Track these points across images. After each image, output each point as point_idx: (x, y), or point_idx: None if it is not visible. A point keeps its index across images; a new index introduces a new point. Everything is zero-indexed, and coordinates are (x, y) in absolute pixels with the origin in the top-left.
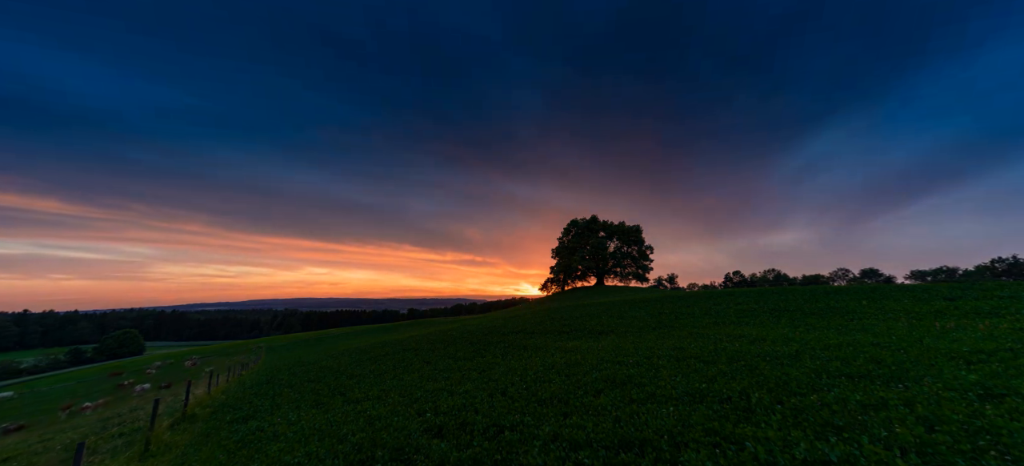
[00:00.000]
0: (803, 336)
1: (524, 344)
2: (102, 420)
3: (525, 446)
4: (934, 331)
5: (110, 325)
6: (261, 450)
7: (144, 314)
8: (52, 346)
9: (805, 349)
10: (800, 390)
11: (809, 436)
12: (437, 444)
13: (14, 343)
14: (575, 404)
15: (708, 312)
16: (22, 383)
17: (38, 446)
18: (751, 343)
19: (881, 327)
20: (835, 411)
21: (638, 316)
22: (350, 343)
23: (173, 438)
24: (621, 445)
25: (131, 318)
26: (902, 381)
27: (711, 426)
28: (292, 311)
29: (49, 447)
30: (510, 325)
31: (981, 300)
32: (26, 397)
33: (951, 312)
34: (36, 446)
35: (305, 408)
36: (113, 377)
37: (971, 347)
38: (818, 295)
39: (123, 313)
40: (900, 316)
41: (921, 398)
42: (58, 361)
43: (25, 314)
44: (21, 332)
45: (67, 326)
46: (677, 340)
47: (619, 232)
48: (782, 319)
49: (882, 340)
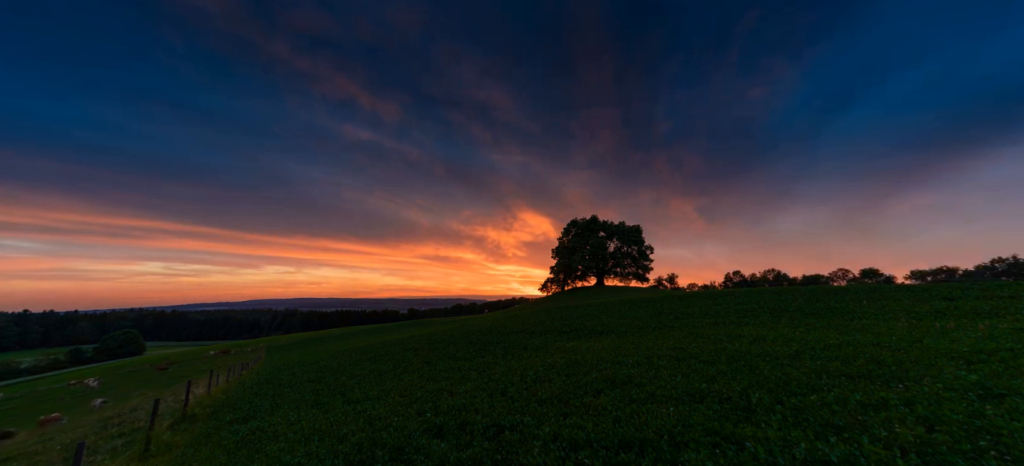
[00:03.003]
0: (803, 336)
1: (524, 344)
2: (102, 420)
3: (525, 446)
4: (934, 331)
5: (110, 325)
6: (261, 450)
7: (144, 314)
8: (52, 346)
9: (805, 349)
10: (800, 390)
11: (809, 436)
12: (437, 444)
13: (14, 343)
14: (575, 404)
15: (708, 312)
16: (17, 384)
17: (38, 446)
18: (751, 343)
19: (881, 327)
20: (835, 411)
21: (638, 316)
22: (350, 343)
23: (173, 438)
24: (621, 445)
25: (131, 318)
26: (902, 381)
27: (711, 426)
28: (292, 311)
29: (49, 447)
30: (510, 325)
31: (981, 300)
32: (15, 400)
33: (951, 312)
34: (36, 446)
35: (305, 408)
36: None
37: (971, 347)
38: (818, 295)
39: (123, 313)
40: (900, 316)
41: (921, 398)
42: (58, 361)
43: (25, 314)
44: (21, 332)
45: (67, 326)
46: (677, 340)
47: (619, 232)
48: (782, 319)
49: (882, 340)
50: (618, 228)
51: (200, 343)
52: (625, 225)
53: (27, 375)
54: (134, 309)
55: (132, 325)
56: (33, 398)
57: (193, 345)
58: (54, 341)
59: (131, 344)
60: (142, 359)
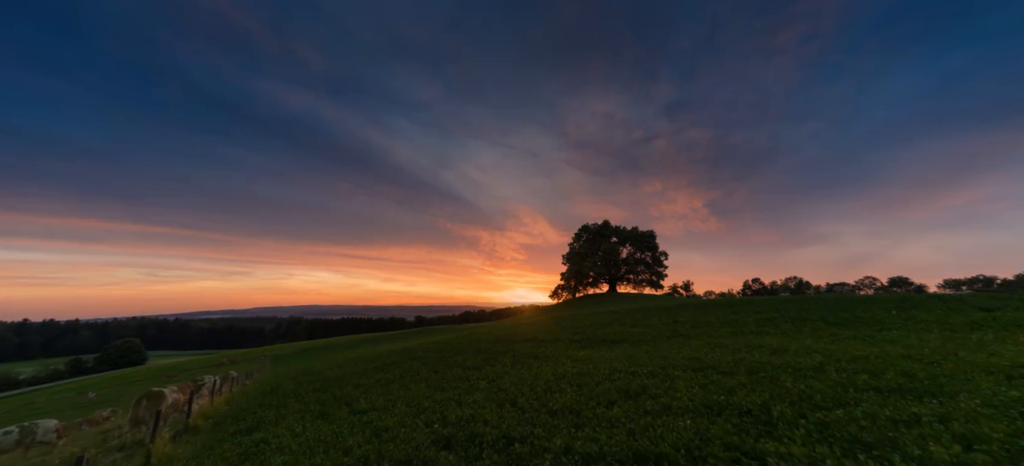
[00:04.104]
0: (827, 347)
1: (534, 353)
2: (102, 432)
3: (536, 459)
4: (970, 344)
5: (112, 334)
6: (265, 462)
7: (146, 323)
8: (53, 356)
9: (829, 360)
10: (825, 404)
11: (836, 453)
12: (445, 456)
13: (14, 353)
14: (587, 416)
15: (726, 321)
16: (16, 395)
17: (37, 460)
18: (772, 353)
19: (912, 338)
20: (864, 427)
21: (652, 324)
22: (356, 352)
23: (174, 451)
24: (636, 459)
25: (133, 327)
26: (936, 396)
27: (731, 441)
28: (297, 319)
29: (47, 461)
30: (519, 333)
31: (1021, 311)
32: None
33: (989, 323)
34: (34, 460)
35: (310, 419)
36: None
37: (1011, 361)
38: (843, 304)
39: (125, 322)
40: (932, 327)
41: (957, 415)
42: (58, 372)
43: (25, 323)
44: (21, 342)
45: (68, 335)
46: (693, 350)
47: (632, 237)
48: (804, 329)
49: (913, 352)
50: (631, 233)
51: (203, 352)
52: (638, 230)
53: (27, 386)
54: (136, 317)
55: (134, 334)
56: (32, 411)
57: (196, 354)
58: (54, 351)
59: (133, 354)
60: (144, 369)
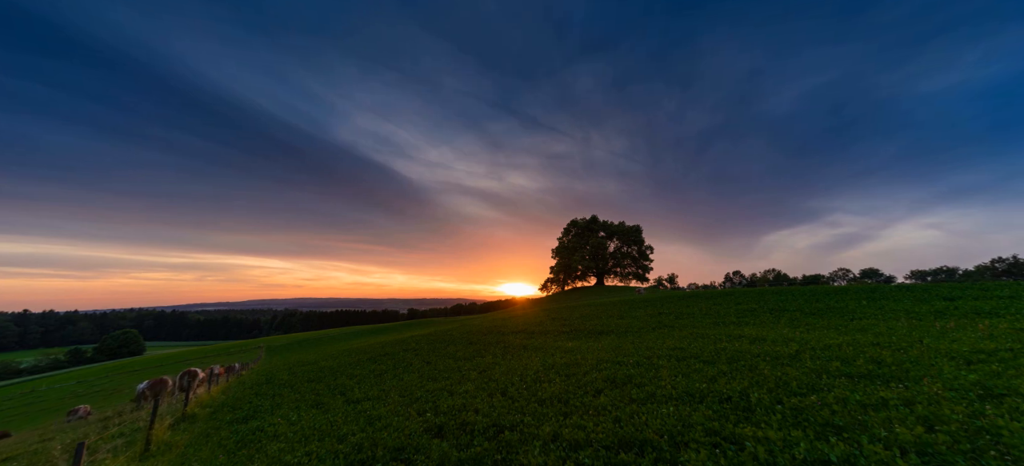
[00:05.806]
0: (803, 336)
1: (524, 344)
2: (102, 419)
3: (525, 446)
4: (934, 331)
5: (110, 325)
6: (261, 450)
7: (144, 314)
8: (52, 346)
9: (805, 349)
10: (800, 390)
11: (809, 436)
12: (437, 444)
13: (14, 343)
14: (575, 404)
15: (708, 312)
16: (17, 384)
17: (38, 445)
18: (751, 343)
19: (881, 327)
20: (835, 411)
21: (638, 316)
22: (350, 343)
23: (173, 438)
24: (621, 445)
25: (131, 318)
26: (902, 381)
27: (711, 426)
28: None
29: (48, 447)
30: (510, 325)
31: (981, 300)
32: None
33: (951, 312)
34: (36, 445)
35: (305, 408)
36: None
37: (971, 347)
38: (818, 295)
39: (123, 313)
40: (900, 316)
41: (921, 398)
42: (58, 361)
43: (25, 314)
44: (21, 332)
45: (67, 326)
46: (677, 340)
47: (619, 232)
48: (782, 319)
49: (882, 340)
50: (618, 228)
51: (199, 343)
52: (625, 225)
53: (27, 375)
54: (133, 309)
55: (132, 325)
56: (33, 398)
57: (193, 345)
58: (54, 341)
59: (131, 344)
60: (143, 359)
